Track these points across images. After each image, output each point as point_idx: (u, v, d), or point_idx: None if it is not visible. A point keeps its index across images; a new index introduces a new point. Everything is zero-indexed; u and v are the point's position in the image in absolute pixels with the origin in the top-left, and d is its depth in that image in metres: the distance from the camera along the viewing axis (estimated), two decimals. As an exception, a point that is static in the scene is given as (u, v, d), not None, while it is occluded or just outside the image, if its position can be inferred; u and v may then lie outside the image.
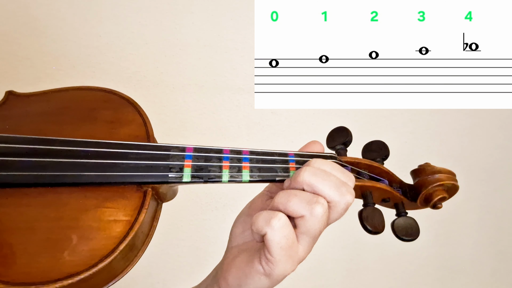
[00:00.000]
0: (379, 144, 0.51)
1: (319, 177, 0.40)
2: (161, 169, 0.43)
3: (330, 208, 0.41)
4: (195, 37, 1.06)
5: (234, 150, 0.45)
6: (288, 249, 0.39)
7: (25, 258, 0.38)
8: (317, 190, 0.40)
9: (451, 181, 0.47)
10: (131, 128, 0.47)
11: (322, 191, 0.40)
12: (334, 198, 0.40)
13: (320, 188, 0.40)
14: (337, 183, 0.41)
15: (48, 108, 0.50)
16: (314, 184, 0.40)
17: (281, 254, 0.39)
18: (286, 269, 0.40)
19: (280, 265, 0.39)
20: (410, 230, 0.46)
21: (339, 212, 0.41)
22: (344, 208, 0.41)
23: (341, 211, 0.41)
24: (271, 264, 0.39)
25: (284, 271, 0.40)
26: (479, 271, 1.38)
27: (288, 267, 0.40)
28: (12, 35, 0.94)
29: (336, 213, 0.41)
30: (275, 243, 0.39)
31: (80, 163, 0.42)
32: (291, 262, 0.40)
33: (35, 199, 0.41)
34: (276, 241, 0.39)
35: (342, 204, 0.41)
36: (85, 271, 0.37)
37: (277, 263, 0.39)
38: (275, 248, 0.39)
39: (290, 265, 0.40)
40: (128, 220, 0.40)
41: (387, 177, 0.49)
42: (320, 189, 0.40)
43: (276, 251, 0.39)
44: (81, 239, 0.39)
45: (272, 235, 0.39)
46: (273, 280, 0.41)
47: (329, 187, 0.40)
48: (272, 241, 0.39)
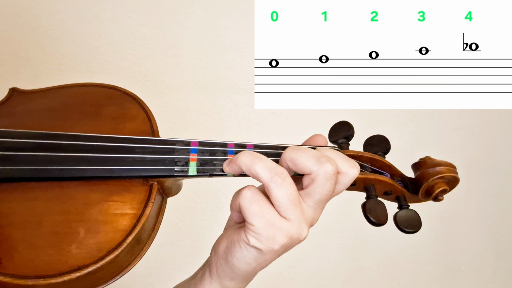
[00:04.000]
0: (380, 138, 0.51)
1: (326, 159, 0.41)
2: (167, 163, 0.43)
3: (338, 174, 0.41)
4: (195, 37, 1.06)
5: (239, 144, 0.45)
6: (263, 215, 0.39)
7: (32, 251, 0.38)
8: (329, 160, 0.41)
9: (452, 173, 0.48)
10: (136, 123, 0.48)
11: (334, 161, 0.41)
12: (344, 169, 0.41)
13: (332, 158, 0.41)
14: (346, 158, 0.42)
15: (53, 104, 0.50)
16: (325, 161, 0.40)
17: (259, 222, 0.39)
18: (272, 237, 0.39)
19: (262, 232, 0.39)
20: (412, 222, 0.46)
21: (345, 183, 0.42)
22: (350, 179, 0.42)
23: (347, 182, 0.42)
24: (252, 232, 0.39)
25: (270, 240, 0.39)
26: (479, 271, 1.38)
27: (273, 235, 0.39)
28: (12, 35, 0.94)
29: (341, 184, 0.42)
30: (247, 210, 0.39)
31: (86, 157, 0.43)
32: (274, 230, 0.39)
33: (41, 193, 0.41)
34: (247, 207, 0.39)
35: (350, 175, 0.42)
36: (93, 264, 0.38)
37: (258, 230, 0.39)
38: (250, 215, 0.39)
39: (275, 232, 0.39)
40: (135, 214, 0.41)
41: (389, 170, 0.50)
42: (333, 159, 0.41)
43: (251, 218, 0.39)
44: (88, 232, 0.39)
45: (243, 203, 0.39)
46: (263, 252, 0.40)
47: (342, 162, 0.42)
48: (244, 209, 0.39)
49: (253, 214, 0.39)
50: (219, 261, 0.43)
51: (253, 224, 0.39)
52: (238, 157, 0.41)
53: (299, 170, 0.40)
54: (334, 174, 0.40)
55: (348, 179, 0.42)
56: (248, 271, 0.42)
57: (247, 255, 0.40)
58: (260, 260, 0.40)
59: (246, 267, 0.41)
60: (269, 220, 0.39)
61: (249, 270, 0.41)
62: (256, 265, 0.41)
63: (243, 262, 0.41)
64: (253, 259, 0.40)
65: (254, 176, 0.40)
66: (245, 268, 0.41)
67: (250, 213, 0.39)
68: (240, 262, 0.41)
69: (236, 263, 0.41)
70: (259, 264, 0.41)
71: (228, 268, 0.42)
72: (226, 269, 0.42)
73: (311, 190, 0.40)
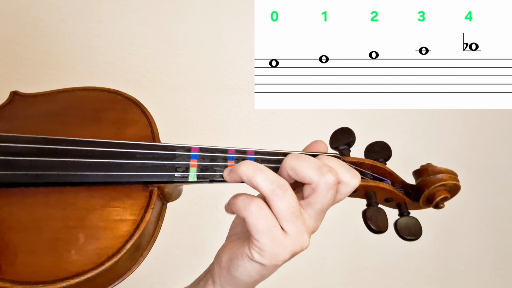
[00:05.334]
0: (381, 145, 0.51)
1: (327, 169, 0.40)
2: (167, 169, 0.43)
3: (339, 184, 0.41)
4: (195, 37, 1.05)
5: (239, 150, 0.45)
6: (270, 232, 0.38)
7: (32, 257, 0.38)
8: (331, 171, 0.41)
9: (453, 181, 0.47)
10: (137, 129, 0.48)
11: (335, 171, 0.40)
12: (345, 179, 0.41)
13: (333, 168, 0.41)
14: (348, 168, 0.42)
15: (54, 109, 0.50)
16: (327, 171, 0.40)
17: (265, 239, 0.38)
18: (276, 254, 0.39)
19: (266, 249, 0.39)
20: (413, 230, 0.46)
21: (345, 192, 0.42)
22: (351, 190, 0.42)
23: (347, 192, 0.42)
24: (257, 248, 0.39)
25: (274, 256, 0.39)
26: (479, 271, 1.38)
27: (277, 252, 0.39)
28: (12, 35, 0.94)
29: (342, 193, 0.42)
30: (254, 226, 0.39)
31: (86, 163, 0.42)
32: (279, 247, 0.39)
33: (42, 198, 0.41)
34: (254, 223, 0.38)
35: (351, 185, 0.41)
36: (92, 270, 0.38)
37: (263, 246, 0.39)
38: (256, 231, 0.39)
39: (279, 249, 0.39)
40: (135, 220, 0.41)
41: (390, 177, 0.49)
42: (334, 169, 0.41)
43: (258, 235, 0.39)
44: (88, 238, 0.39)
45: (250, 218, 0.39)
46: (267, 267, 0.40)
47: (343, 172, 0.41)
48: (251, 224, 0.39)
49: (259, 230, 0.38)
50: (221, 271, 0.43)
51: (259, 240, 0.39)
52: (239, 167, 0.40)
53: (300, 179, 0.40)
54: (335, 185, 0.40)
55: (349, 189, 0.42)
56: (250, 282, 0.42)
57: (250, 268, 0.40)
58: (262, 273, 0.41)
59: (248, 279, 0.42)
60: (275, 237, 0.39)
61: (251, 281, 0.42)
62: (259, 278, 0.42)
63: (245, 275, 0.41)
64: (256, 273, 0.41)
65: (254, 187, 0.40)
66: (247, 280, 0.42)
67: (257, 229, 0.38)
68: (242, 275, 0.41)
69: (239, 276, 0.41)
70: (261, 276, 0.41)
71: (231, 279, 0.42)
72: (229, 280, 0.43)
73: (312, 200, 0.40)
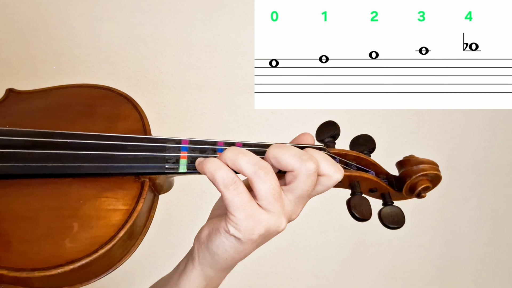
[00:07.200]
0: (366, 137, 0.53)
1: (308, 156, 0.42)
2: (158, 161, 0.44)
3: (319, 176, 0.43)
4: (195, 37, 1.06)
5: (228, 142, 0.46)
6: (245, 209, 0.40)
7: (27, 245, 0.39)
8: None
9: (434, 171, 0.49)
10: (128, 123, 0.49)
11: (315, 159, 0.42)
12: (328, 172, 0.43)
13: (314, 156, 0.42)
14: (332, 162, 0.44)
15: (48, 104, 0.51)
16: (308, 162, 0.41)
17: (240, 214, 0.40)
18: (251, 228, 0.40)
19: (242, 224, 0.40)
20: (396, 218, 0.48)
21: (328, 185, 0.44)
22: (333, 182, 0.44)
23: (330, 185, 0.44)
24: (233, 222, 0.41)
25: (249, 230, 0.40)
26: (479, 271, 1.38)
27: (252, 226, 0.40)
28: (12, 35, 0.94)
29: (324, 185, 0.43)
30: (230, 202, 0.40)
31: (80, 155, 0.44)
32: (254, 221, 0.40)
33: (36, 189, 0.42)
34: (230, 199, 0.40)
35: (333, 178, 0.43)
36: (86, 257, 0.39)
37: (239, 221, 0.40)
38: (232, 206, 0.40)
39: (254, 223, 0.40)
40: (127, 209, 0.42)
41: (374, 168, 0.51)
42: (315, 157, 0.42)
43: (233, 210, 0.40)
44: (82, 227, 0.40)
45: (227, 194, 0.40)
46: (243, 242, 0.41)
47: (327, 165, 0.43)
48: (227, 200, 0.40)
49: (235, 206, 0.40)
50: (200, 247, 0.45)
51: (234, 215, 0.40)
52: (224, 152, 0.42)
53: (282, 167, 0.42)
54: (316, 172, 0.41)
55: (331, 181, 0.44)
56: (227, 259, 0.43)
57: (226, 242, 0.42)
58: (238, 249, 0.42)
59: (225, 255, 0.43)
60: (250, 213, 0.40)
61: (227, 258, 0.43)
62: (235, 254, 0.43)
63: (222, 249, 0.43)
64: (232, 247, 0.42)
65: (239, 170, 0.41)
66: (223, 255, 0.43)
67: (233, 204, 0.40)
68: (219, 249, 0.43)
69: (215, 250, 0.43)
70: (237, 253, 0.43)
71: (209, 255, 0.44)
72: (207, 256, 0.44)
73: (293, 186, 0.42)
